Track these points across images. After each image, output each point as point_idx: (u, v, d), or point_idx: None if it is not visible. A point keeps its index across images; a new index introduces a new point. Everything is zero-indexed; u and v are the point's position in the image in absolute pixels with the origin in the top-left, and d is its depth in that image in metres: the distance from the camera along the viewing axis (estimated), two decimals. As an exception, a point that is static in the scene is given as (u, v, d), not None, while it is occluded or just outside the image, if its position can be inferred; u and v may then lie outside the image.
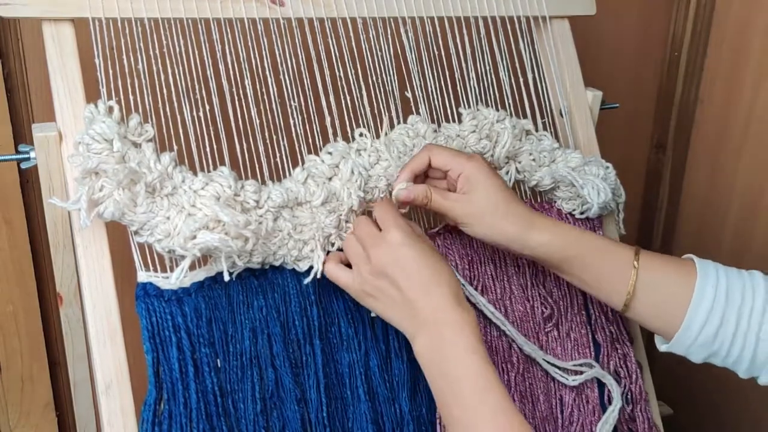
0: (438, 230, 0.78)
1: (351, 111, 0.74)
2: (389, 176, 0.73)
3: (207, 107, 0.67)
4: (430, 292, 0.63)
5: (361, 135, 0.73)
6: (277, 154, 0.70)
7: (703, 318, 0.67)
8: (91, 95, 0.64)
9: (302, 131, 0.71)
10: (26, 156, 0.65)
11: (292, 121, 0.71)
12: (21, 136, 0.90)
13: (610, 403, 0.81)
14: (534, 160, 0.81)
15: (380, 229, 0.67)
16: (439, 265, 0.65)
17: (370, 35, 0.75)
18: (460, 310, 0.63)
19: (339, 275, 0.68)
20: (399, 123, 0.76)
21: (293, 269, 0.68)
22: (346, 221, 0.70)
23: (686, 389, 1.29)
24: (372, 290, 0.65)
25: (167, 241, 0.61)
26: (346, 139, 0.73)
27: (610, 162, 0.85)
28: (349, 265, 0.68)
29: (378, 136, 0.75)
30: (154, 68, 0.65)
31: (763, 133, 1.16)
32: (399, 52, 0.77)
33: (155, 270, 0.63)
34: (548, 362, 0.77)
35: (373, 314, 0.69)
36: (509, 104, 0.83)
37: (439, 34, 0.79)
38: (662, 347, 0.72)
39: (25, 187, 0.92)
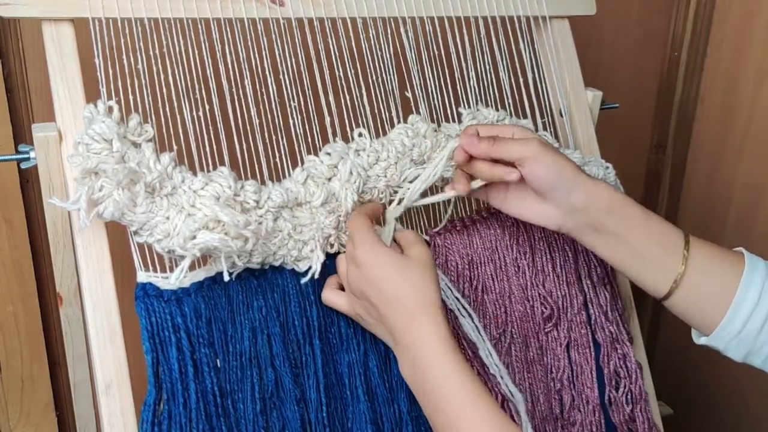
0: (438, 230, 0.78)
1: (351, 111, 0.74)
2: (389, 177, 0.73)
3: (207, 107, 0.67)
4: (397, 306, 0.63)
5: (360, 135, 0.73)
6: (277, 155, 0.70)
7: (748, 311, 0.64)
8: (91, 95, 0.64)
9: (302, 131, 0.71)
10: (26, 156, 0.65)
11: (291, 122, 0.71)
12: (21, 136, 0.90)
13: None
14: (534, 160, 0.81)
15: None
16: (405, 274, 0.64)
17: (370, 35, 0.75)
18: (425, 322, 0.62)
19: (334, 300, 0.68)
20: (399, 123, 0.76)
21: (293, 269, 0.68)
22: (345, 222, 0.70)
23: (686, 389, 1.29)
24: (360, 311, 0.66)
25: (167, 241, 0.61)
26: (346, 139, 0.73)
27: (610, 162, 0.85)
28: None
29: (377, 136, 0.75)
30: (154, 68, 0.65)
31: (763, 133, 1.16)
32: (399, 52, 0.77)
33: (155, 270, 0.63)
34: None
35: None
36: (509, 104, 0.83)
37: (439, 34, 0.79)
38: (700, 340, 0.69)
39: (25, 187, 0.92)
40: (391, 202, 0.74)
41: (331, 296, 0.68)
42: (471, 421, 0.59)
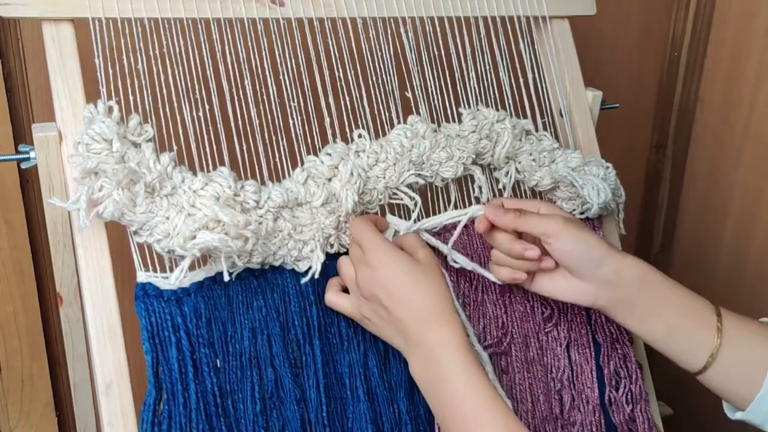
0: (438, 230, 0.77)
1: (350, 111, 0.74)
2: (387, 178, 0.73)
3: (207, 107, 0.67)
4: (411, 309, 0.63)
5: (360, 136, 0.73)
6: (277, 155, 0.70)
7: None
8: (91, 95, 0.64)
9: (302, 132, 0.71)
10: (26, 156, 0.65)
11: (291, 122, 0.71)
12: (21, 136, 0.90)
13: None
14: (534, 160, 0.81)
15: None
16: (419, 278, 0.64)
17: (370, 35, 0.75)
18: (441, 324, 0.63)
19: (338, 303, 0.68)
20: (399, 123, 0.76)
21: (293, 269, 0.68)
22: (345, 222, 0.70)
23: (686, 389, 1.28)
24: (367, 313, 0.66)
25: (167, 241, 0.61)
26: (345, 139, 0.73)
27: (610, 162, 0.85)
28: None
29: (378, 137, 0.75)
30: (154, 68, 0.65)
31: (763, 133, 1.16)
32: (399, 52, 0.77)
33: (155, 270, 0.63)
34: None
35: None
36: (509, 104, 0.83)
37: (439, 34, 0.79)
38: (736, 415, 0.68)
39: (25, 187, 0.92)
40: (389, 204, 0.74)
41: (334, 299, 0.68)
42: (482, 421, 0.59)
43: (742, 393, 0.66)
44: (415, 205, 0.74)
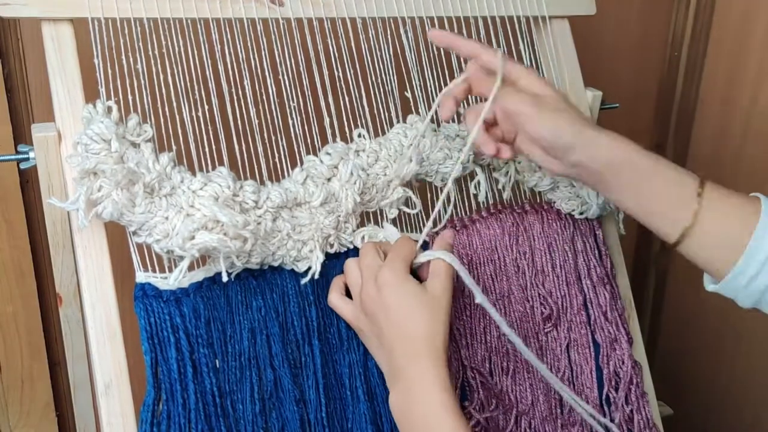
0: (438, 230, 0.77)
1: (350, 111, 0.74)
2: (388, 176, 0.73)
3: (206, 107, 0.67)
4: (403, 339, 0.63)
5: (359, 136, 0.73)
6: (276, 155, 0.70)
7: (761, 260, 0.61)
8: (91, 95, 0.64)
9: (301, 132, 0.71)
10: (26, 156, 0.65)
11: (291, 122, 0.71)
12: (21, 136, 0.90)
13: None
14: (533, 160, 0.81)
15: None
16: (420, 307, 0.63)
17: (370, 35, 0.75)
18: (429, 362, 0.61)
19: (340, 307, 0.68)
20: (398, 123, 0.76)
21: (292, 269, 0.68)
22: (345, 222, 0.70)
23: (686, 389, 1.29)
24: (362, 325, 0.66)
25: (166, 241, 0.61)
26: (345, 139, 0.73)
27: (610, 162, 0.85)
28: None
29: (377, 137, 0.75)
30: (154, 68, 0.65)
31: (763, 133, 1.16)
32: (399, 52, 0.77)
33: (154, 270, 0.63)
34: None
35: None
36: (509, 104, 0.83)
37: (438, 35, 0.79)
38: (710, 287, 0.66)
39: (25, 187, 0.92)
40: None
41: (338, 302, 0.68)
42: None
43: (718, 266, 0.64)
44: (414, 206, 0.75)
